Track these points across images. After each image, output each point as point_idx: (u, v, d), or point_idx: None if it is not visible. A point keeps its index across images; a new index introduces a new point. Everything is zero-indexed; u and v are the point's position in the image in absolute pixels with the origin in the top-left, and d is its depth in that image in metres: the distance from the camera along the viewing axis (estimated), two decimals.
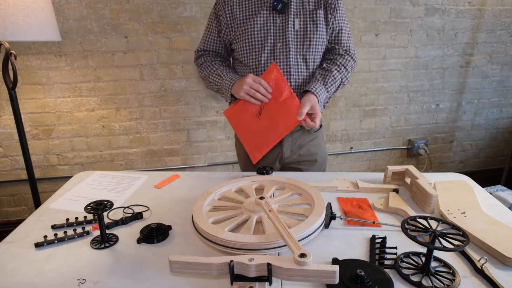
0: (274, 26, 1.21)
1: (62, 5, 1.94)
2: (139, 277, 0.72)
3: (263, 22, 1.20)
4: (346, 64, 1.26)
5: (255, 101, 1.16)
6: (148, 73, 2.16)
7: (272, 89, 1.16)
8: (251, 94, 1.15)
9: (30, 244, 0.82)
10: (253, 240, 0.70)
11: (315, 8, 1.22)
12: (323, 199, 0.85)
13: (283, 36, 1.20)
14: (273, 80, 1.16)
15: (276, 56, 1.22)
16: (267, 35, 1.21)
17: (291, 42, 1.20)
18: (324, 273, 0.58)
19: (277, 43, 1.21)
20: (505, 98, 2.82)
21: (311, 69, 1.25)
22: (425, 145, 2.74)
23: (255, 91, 1.14)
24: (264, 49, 1.21)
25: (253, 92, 1.14)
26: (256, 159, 1.25)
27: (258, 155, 1.24)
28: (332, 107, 2.53)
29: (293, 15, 1.20)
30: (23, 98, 2.05)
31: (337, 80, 1.23)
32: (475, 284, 0.69)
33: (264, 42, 1.21)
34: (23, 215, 2.31)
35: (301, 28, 1.21)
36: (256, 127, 1.21)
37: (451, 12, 2.46)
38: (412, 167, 1.09)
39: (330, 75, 1.22)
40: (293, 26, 1.20)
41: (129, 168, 2.35)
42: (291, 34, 1.20)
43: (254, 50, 1.23)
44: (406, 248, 0.80)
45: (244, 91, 1.14)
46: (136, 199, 1.04)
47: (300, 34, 1.21)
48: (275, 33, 1.21)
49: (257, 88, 1.14)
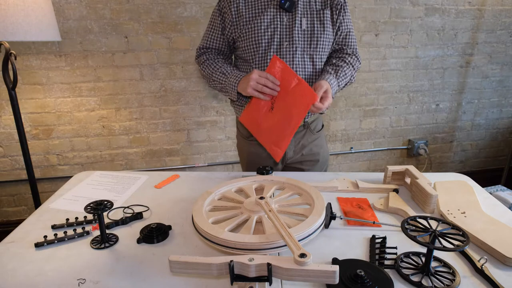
0: (281, 25, 1.20)
1: (62, 5, 1.94)
2: (139, 277, 0.72)
3: (270, 20, 1.19)
4: (354, 64, 1.27)
5: (264, 96, 1.15)
6: (148, 73, 2.16)
7: (280, 81, 1.14)
8: (259, 89, 1.13)
9: (30, 244, 0.82)
10: (253, 240, 0.70)
11: (322, 8, 1.22)
12: (323, 199, 0.85)
13: (290, 35, 1.20)
14: (278, 72, 1.13)
15: (282, 55, 1.21)
16: (274, 34, 1.19)
17: (298, 41, 1.20)
18: (324, 273, 0.58)
19: (284, 42, 1.20)
20: (505, 98, 2.82)
21: (317, 69, 1.25)
22: (425, 145, 2.74)
23: (263, 86, 1.12)
24: (270, 48, 1.20)
25: (261, 87, 1.12)
26: (279, 156, 1.21)
27: (279, 151, 1.20)
28: (332, 107, 2.53)
29: (300, 14, 1.20)
30: (23, 98, 2.05)
31: (347, 76, 1.25)
32: (475, 284, 0.69)
33: (270, 41, 1.20)
34: (23, 215, 2.31)
35: (308, 28, 1.20)
36: (272, 123, 1.18)
37: (451, 12, 2.46)
38: (412, 167, 1.09)
39: (341, 70, 1.23)
40: (300, 25, 1.20)
41: (129, 168, 2.35)
42: (298, 33, 1.20)
43: (260, 48, 1.21)
44: (406, 248, 0.80)
45: (251, 87, 1.12)
46: (136, 199, 1.04)
47: (307, 34, 1.21)
48: (281, 32, 1.20)
49: (264, 82, 1.12)
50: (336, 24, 1.24)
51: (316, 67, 1.25)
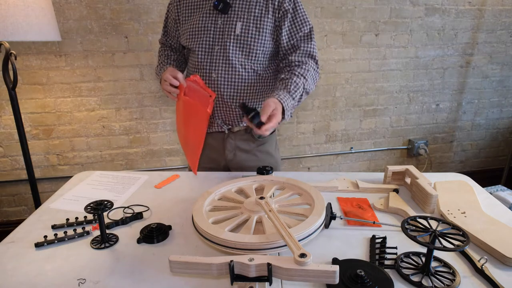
0: (214, 27, 1.13)
1: (62, 5, 1.94)
2: (139, 277, 0.72)
3: (203, 21, 1.14)
4: (305, 74, 1.13)
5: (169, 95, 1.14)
6: (148, 73, 2.16)
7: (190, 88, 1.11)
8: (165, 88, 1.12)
9: (30, 244, 0.82)
10: (253, 240, 0.70)
11: (261, 13, 1.12)
12: (323, 199, 0.85)
13: (221, 39, 1.13)
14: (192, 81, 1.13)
15: (213, 59, 1.15)
16: (205, 36, 1.14)
17: (230, 47, 1.12)
18: (324, 273, 0.58)
19: (215, 46, 1.14)
20: (505, 98, 2.82)
21: (254, 77, 1.17)
22: (425, 145, 2.74)
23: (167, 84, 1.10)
24: (200, 50, 1.15)
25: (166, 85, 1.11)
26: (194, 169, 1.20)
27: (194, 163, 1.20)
28: (332, 107, 2.53)
29: (236, 18, 1.12)
30: (23, 98, 2.05)
31: (299, 87, 1.10)
32: (475, 284, 0.69)
33: (202, 43, 1.14)
34: (23, 215, 2.31)
35: (243, 33, 1.12)
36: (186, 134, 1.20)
37: (451, 12, 2.46)
38: (412, 167, 1.09)
39: (291, 82, 1.09)
40: (234, 30, 1.12)
41: (129, 168, 2.35)
42: (230, 38, 1.12)
43: (193, 48, 1.17)
44: (406, 248, 0.80)
45: (162, 85, 1.14)
46: (136, 199, 1.04)
47: (241, 40, 1.12)
48: (214, 35, 1.13)
49: (169, 80, 1.08)
50: (281, 32, 1.14)
51: (252, 75, 1.16)
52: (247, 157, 1.28)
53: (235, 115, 1.21)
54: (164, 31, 1.32)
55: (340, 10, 2.30)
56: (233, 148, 1.26)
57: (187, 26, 1.18)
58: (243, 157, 1.27)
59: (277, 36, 1.16)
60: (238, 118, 1.22)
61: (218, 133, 1.26)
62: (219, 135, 1.26)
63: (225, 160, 1.29)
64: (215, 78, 1.16)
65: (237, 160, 1.28)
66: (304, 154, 2.61)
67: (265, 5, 1.12)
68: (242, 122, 1.23)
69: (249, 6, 1.12)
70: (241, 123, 1.23)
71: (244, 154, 1.27)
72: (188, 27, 1.18)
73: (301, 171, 1.97)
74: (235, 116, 1.21)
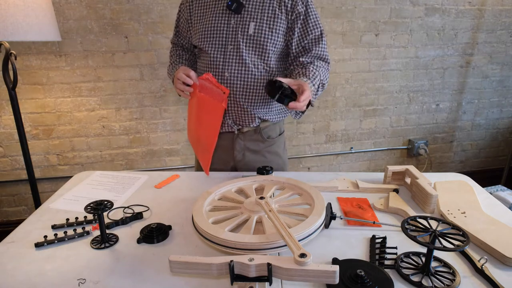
0: (228, 27, 1.14)
1: (62, 5, 1.94)
2: (139, 277, 0.72)
3: (216, 21, 1.14)
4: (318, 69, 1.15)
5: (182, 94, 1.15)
6: (148, 73, 2.16)
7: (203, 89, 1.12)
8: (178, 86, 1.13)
9: (30, 244, 0.82)
10: (253, 240, 0.70)
11: (274, 14, 1.13)
12: (323, 199, 0.85)
13: (235, 39, 1.13)
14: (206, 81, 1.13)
15: (226, 58, 1.15)
16: (218, 35, 1.15)
17: (243, 47, 1.13)
18: (324, 273, 0.58)
19: (228, 45, 1.14)
20: (505, 98, 2.82)
21: (270, 74, 1.19)
22: (425, 145, 2.74)
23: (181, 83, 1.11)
24: (214, 49, 1.16)
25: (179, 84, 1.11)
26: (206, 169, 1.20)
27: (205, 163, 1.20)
28: (332, 107, 2.53)
29: (249, 18, 1.12)
30: (23, 98, 2.05)
31: (317, 76, 1.12)
32: (475, 284, 0.69)
33: (214, 42, 1.15)
34: (23, 215, 2.31)
35: (256, 33, 1.12)
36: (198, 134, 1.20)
37: (451, 12, 2.46)
38: (412, 167, 1.09)
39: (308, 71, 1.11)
40: (247, 30, 1.13)
41: (129, 168, 2.35)
42: (243, 38, 1.13)
43: (206, 48, 1.17)
44: (406, 248, 0.80)
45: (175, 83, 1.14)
46: (136, 199, 1.04)
47: (254, 39, 1.13)
48: (227, 35, 1.14)
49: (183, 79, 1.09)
50: (292, 34, 1.15)
51: (264, 74, 1.17)
52: (255, 158, 1.28)
53: (246, 114, 1.21)
54: (176, 31, 1.32)
55: (340, 10, 2.30)
56: (242, 148, 1.27)
57: (199, 26, 1.19)
58: (252, 157, 1.28)
59: (289, 38, 1.17)
60: (249, 118, 1.22)
61: (228, 133, 1.26)
62: (228, 135, 1.26)
63: (234, 161, 1.29)
64: (228, 77, 1.17)
65: (245, 160, 1.28)
66: (304, 154, 2.61)
67: (278, 6, 1.14)
68: (252, 123, 1.22)
69: (262, 7, 1.13)
70: (251, 123, 1.23)
71: (253, 155, 1.28)
72: (200, 27, 1.18)
73: (301, 171, 1.97)
74: (246, 115, 1.21)
